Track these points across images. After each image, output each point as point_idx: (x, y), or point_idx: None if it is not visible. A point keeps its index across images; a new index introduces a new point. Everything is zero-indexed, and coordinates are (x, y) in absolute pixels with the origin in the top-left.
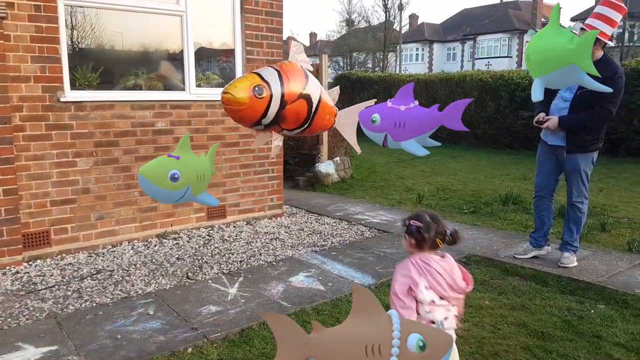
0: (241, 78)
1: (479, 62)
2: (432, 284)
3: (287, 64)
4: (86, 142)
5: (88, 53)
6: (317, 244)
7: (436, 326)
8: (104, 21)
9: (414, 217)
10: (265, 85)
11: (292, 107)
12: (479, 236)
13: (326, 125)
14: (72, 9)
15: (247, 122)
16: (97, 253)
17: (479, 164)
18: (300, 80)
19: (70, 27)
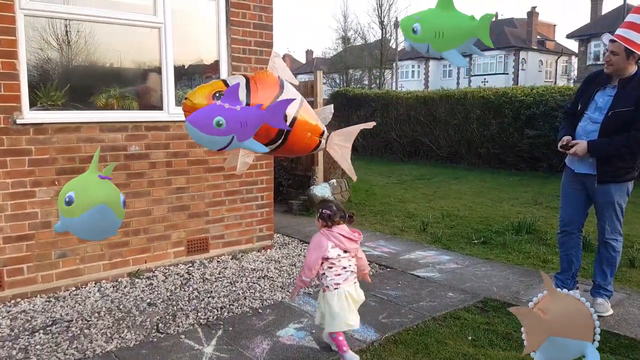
0: (205, 84)
1: (476, 78)
2: (337, 243)
3: (261, 73)
4: (47, 170)
5: (53, 69)
6: (310, 284)
7: (347, 269)
8: (72, 33)
9: (325, 207)
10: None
11: None
12: (494, 274)
13: (308, 145)
14: (34, 20)
15: None
16: (58, 297)
17: (484, 186)
18: (272, 90)
19: (32, 40)
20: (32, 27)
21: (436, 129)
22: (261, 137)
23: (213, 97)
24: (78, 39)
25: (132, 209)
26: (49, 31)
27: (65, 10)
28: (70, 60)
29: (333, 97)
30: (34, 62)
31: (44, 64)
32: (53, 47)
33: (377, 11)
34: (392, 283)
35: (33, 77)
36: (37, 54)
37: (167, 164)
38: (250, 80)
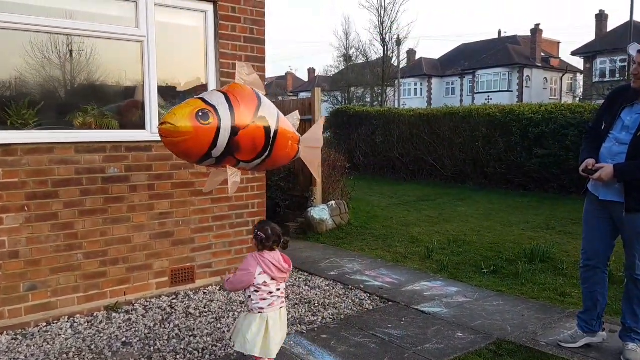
0: (181, 105)
1: (479, 96)
2: (265, 270)
3: (235, 86)
4: (16, 194)
5: (24, 85)
6: (303, 320)
7: (273, 294)
8: (46, 47)
9: (261, 229)
10: (211, 109)
11: (247, 133)
12: (507, 309)
13: (289, 153)
14: (2, 32)
15: (193, 155)
16: (26, 334)
17: (492, 208)
18: (252, 103)
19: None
20: (0, 39)
21: (440, 147)
22: (249, 152)
23: (196, 117)
24: (54, 53)
25: (110, 237)
26: (20, 44)
27: (38, 22)
28: (45, 76)
29: (334, 115)
30: (3, 77)
31: (14, 79)
32: (26, 62)
33: (378, 28)
34: (395, 320)
35: (2, 94)
36: (6, 69)
37: (149, 187)
38: (229, 94)
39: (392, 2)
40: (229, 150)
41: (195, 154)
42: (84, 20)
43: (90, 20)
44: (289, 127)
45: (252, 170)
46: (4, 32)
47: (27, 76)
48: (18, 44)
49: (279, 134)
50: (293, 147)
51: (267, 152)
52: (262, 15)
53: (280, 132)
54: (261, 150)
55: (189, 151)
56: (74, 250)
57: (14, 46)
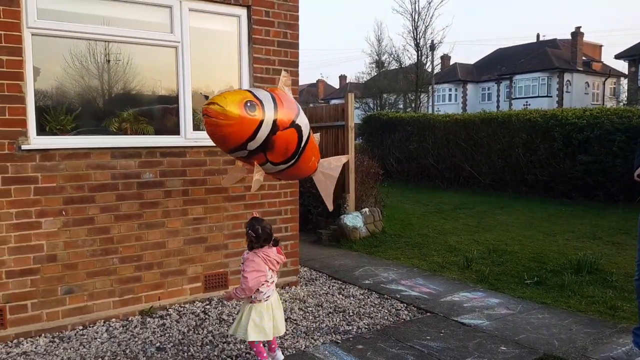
0: (231, 91)
1: (517, 102)
2: (270, 266)
3: (279, 90)
4: (54, 199)
5: (63, 92)
6: (338, 329)
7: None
8: (83, 54)
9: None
10: (258, 102)
11: (284, 135)
12: (553, 322)
13: (310, 168)
14: (42, 39)
15: (231, 142)
16: (63, 337)
17: (533, 217)
18: (293, 109)
19: (41, 61)
20: (40, 47)
21: (477, 154)
22: (280, 154)
23: (244, 106)
24: (91, 61)
25: (145, 242)
26: (59, 52)
27: (76, 29)
28: (82, 83)
29: (366, 121)
30: (42, 84)
31: (53, 87)
32: (64, 70)
33: (412, 33)
34: (433, 332)
35: (42, 101)
36: (46, 76)
37: (184, 193)
38: (274, 95)
39: (426, 7)
40: (264, 146)
41: (233, 141)
42: (120, 26)
43: (126, 27)
44: (315, 143)
45: (273, 176)
46: (44, 39)
47: (65, 83)
48: (57, 52)
49: (308, 146)
50: (314, 164)
51: (294, 160)
52: (295, 19)
53: (310, 144)
54: (290, 156)
55: (229, 137)
56: (109, 254)
57: (54, 54)
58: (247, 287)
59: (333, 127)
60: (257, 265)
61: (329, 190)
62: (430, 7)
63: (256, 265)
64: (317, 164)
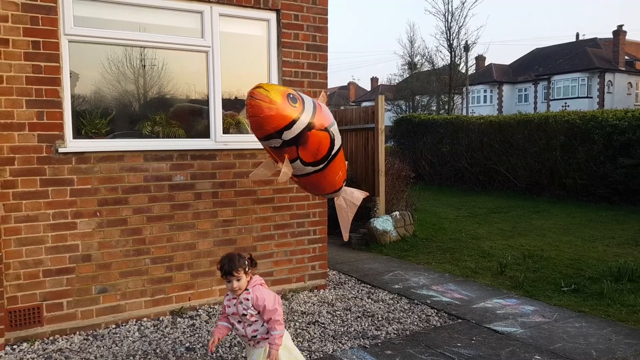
0: (275, 84)
1: (555, 103)
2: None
3: (319, 101)
4: (89, 200)
5: (98, 96)
6: (366, 334)
7: None
8: (117, 59)
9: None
10: (300, 98)
11: (317, 134)
12: (591, 332)
13: (335, 183)
14: (78, 46)
15: (269, 126)
16: (96, 335)
17: (571, 222)
18: (330, 118)
19: (77, 67)
20: (77, 53)
21: (513, 156)
22: (311, 153)
23: (287, 96)
24: (127, 66)
25: (176, 243)
26: (96, 57)
27: (110, 35)
28: (117, 87)
29: (397, 123)
30: (78, 89)
31: (90, 92)
32: (100, 75)
33: (445, 34)
34: (464, 339)
35: (78, 105)
36: (83, 81)
37: (213, 195)
38: (315, 101)
39: (459, 7)
40: (297, 139)
41: (270, 126)
42: (153, 32)
43: (159, 32)
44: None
45: (299, 179)
46: (80, 45)
47: (101, 88)
48: (94, 57)
49: (337, 158)
50: (339, 180)
51: (323, 165)
52: (324, 22)
53: (340, 156)
54: (320, 159)
55: (267, 120)
56: (142, 255)
57: (91, 60)
58: (280, 321)
59: (363, 130)
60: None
61: (348, 218)
62: (463, 7)
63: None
64: (342, 183)
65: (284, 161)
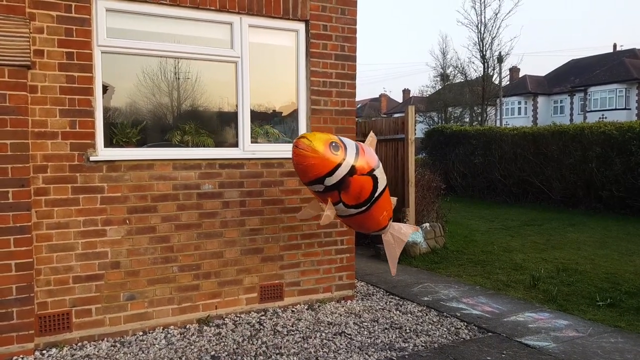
0: (320, 133)
1: (592, 115)
2: None
3: (364, 144)
4: (119, 208)
5: (129, 106)
6: (394, 346)
7: None
8: (148, 69)
9: None
10: (342, 145)
11: (359, 179)
12: (627, 348)
13: (381, 223)
14: (111, 57)
15: (312, 173)
16: (124, 342)
17: (608, 235)
18: (373, 161)
19: (110, 77)
20: (109, 64)
21: (547, 168)
22: (353, 197)
23: (329, 145)
24: (158, 75)
25: (203, 251)
26: (129, 69)
27: (141, 46)
28: (148, 97)
29: (428, 135)
30: (110, 99)
31: (122, 102)
32: (133, 85)
33: (478, 45)
34: (495, 353)
35: (110, 115)
36: (116, 92)
37: (241, 204)
38: (358, 144)
39: (492, 17)
40: (340, 185)
41: (313, 173)
42: (183, 43)
43: (189, 43)
44: (389, 201)
45: (344, 220)
46: (112, 56)
47: (132, 98)
48: (126, 69)
49: (381, 199)
50: (385, 219)
51: (365, 208)
52: (353, 32)
53: (383, 197)
54: (362, 202)
55: (310, 168)
56: (169, 262)
57: (122, 71)
58: None
59: (393, 140)
60: None
61: (396, 253)
62: (497, 18)
63: None
64: (388, 221)
65: (327, 204)
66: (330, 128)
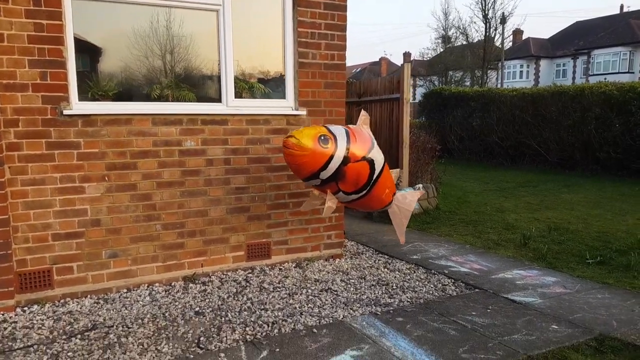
0: (309, 127)
1: (594, 79)
2: None
3: (355, 127)
4: (96, 164)
5: (105, 57)
6: (379, 302)
7: None
8: (125, 19)
9: None
10: (331, 137)
11: (354, 167)
12: (614, 303)
13: (384, 200)
14: (82, 4)
15: (305, 171)
16: (107, 299)
17: (603, 196)
18: (366, 143)
19: (83, 26)
20: (81, 12)
21: (545, 130)
22: (351, 184)
23: (318, 139)
24: (135, 26)
25: (187, 209)
26: (103, 17)
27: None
28: (124, 49)
29: (426, 97)
30: (84, 50)
31: (95, 52)
32: (107, 35)
33: (480, 4)
34: (480, 307)
35: (84, 66)
36: (87, 41)
37: (225, 162)
38: (349, 130)
39: None
40: (335, 176)
41: (306, 170)
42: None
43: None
44: (390, 177)
45: (347, 205)
46: (85, 4)
47: (108, 50)
48: (100, 18)
49: (380, 179)
50: (388, 196)
51: (366, 191)
52: None
53: (383, 177)
54: (361, 187)
55: (303, 166)
56: (152, 220)
57: (96, 21)
58: None
59: (388, 100)
60: None
61: (403, 223)
62: None
63: None
64: (392, 196)
65: (327, 195)
66: (318, 83)
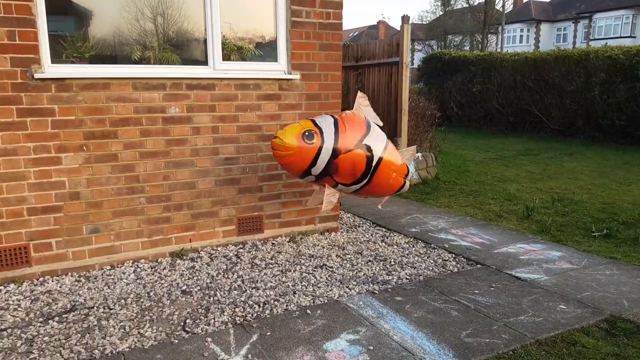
0: (294, 124)
1: (595, 43)
2: None
3: (348, 113)
4: (73, 133)
5: (80, 16)
6: (376, 279)
7: None
8: None
9: None
10: (317, 131)
11: (347, 158)
12: (623, 280)
13: (392, 185)
14: None
15: (295, 169)
16: (89, 277)
17: (606, 165)
18: (360, 130)
19: None
20: None
21: (548, 96)
22: (347, 176)
23: (302, 136)
24: None
25: (173, 181)
26: None
27: None
28: (102, 7)
29: (426, 61)
30: (56, 7)
31: (69, 10)
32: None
33: None
34: (483, 286)
35: (56, 26)
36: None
37: (213, 130)
38: (338, 119)
39: None
40: (328, 170)
41: (297, 169)
42: None
43: None
44: (396, 159)
45: (354, 194)
46: None
47: (83, 7)
48: None
49: (382, 164)
50: (397, 179)
51: (367, 180)
52: None
53: (384, 162)
54: (360, 177)
55: (292, 165)
56: (136, 193)
57: None
58: None
59: (387, 64)
60: None
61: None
62: None
63: None
64: (403, 179)
65: (326, 189)
66: (313, 44)
